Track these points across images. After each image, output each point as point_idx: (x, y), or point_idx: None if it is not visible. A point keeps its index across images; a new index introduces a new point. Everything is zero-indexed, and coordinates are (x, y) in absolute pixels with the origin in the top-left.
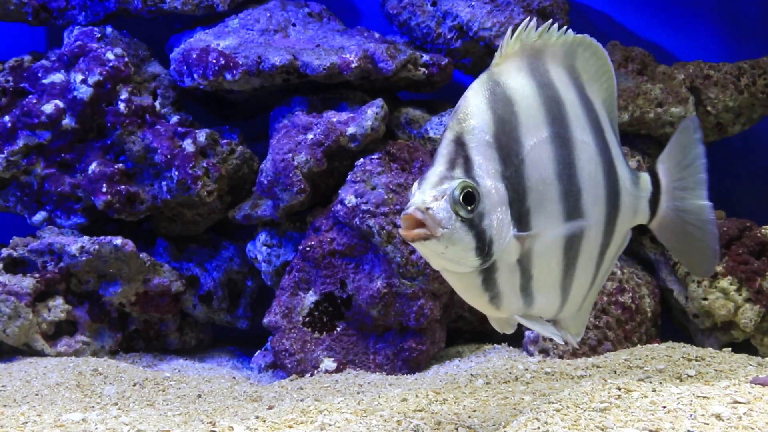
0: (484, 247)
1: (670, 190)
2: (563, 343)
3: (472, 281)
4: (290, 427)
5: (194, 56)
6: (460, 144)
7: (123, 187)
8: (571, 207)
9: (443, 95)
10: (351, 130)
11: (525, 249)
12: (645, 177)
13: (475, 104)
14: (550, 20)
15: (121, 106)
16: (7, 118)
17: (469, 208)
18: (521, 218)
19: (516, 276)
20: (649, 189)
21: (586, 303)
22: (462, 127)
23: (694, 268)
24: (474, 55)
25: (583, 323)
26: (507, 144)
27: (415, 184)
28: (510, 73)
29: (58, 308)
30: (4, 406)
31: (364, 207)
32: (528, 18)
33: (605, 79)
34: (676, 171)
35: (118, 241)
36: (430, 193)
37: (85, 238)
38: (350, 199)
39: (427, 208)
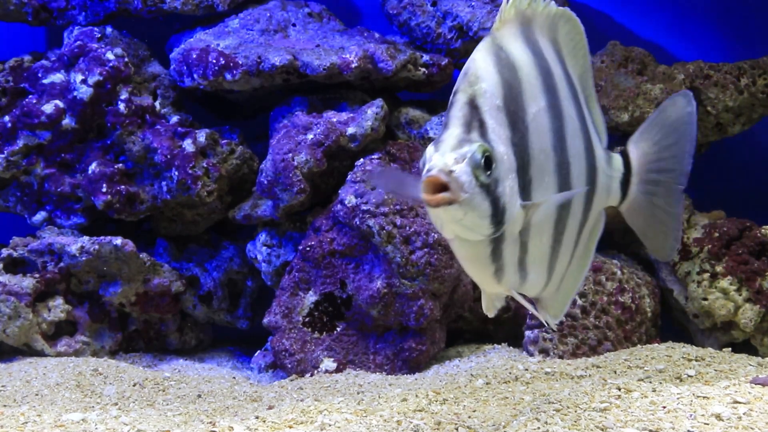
0: (498, 214)
1: (642, 171)
2: (546, 323)
3: (483, 251)
4: (290, 427)
5: (194, 56)
6: (474, 107)
7: (123, 187)
8: (562, 180)
9: (443, 95)
10: (351, 130)
11: (527, 220)
12: (617, 158)
13: (484, 67)
14: None
15: (121, 106)
16: (7, 118)
17: (488, 172)
18: (524, 187)
19: (516, 249)
20: (620, 170)
21: (566, 285)
22: (474, 90)
23: (657, 251)
24: None
25: (563, 306)
26: (514, 110)
27: (430, 147)
28: (509, 38)
29: (58, 308)
30: (4, 406)
31: (364, 207)
32: None
33: (581, 54)
34: (654, 152)
35: (118, 241)
36: (451, 156)
37: (85, 238)
38: (350, 199)
39: (450, 171)
